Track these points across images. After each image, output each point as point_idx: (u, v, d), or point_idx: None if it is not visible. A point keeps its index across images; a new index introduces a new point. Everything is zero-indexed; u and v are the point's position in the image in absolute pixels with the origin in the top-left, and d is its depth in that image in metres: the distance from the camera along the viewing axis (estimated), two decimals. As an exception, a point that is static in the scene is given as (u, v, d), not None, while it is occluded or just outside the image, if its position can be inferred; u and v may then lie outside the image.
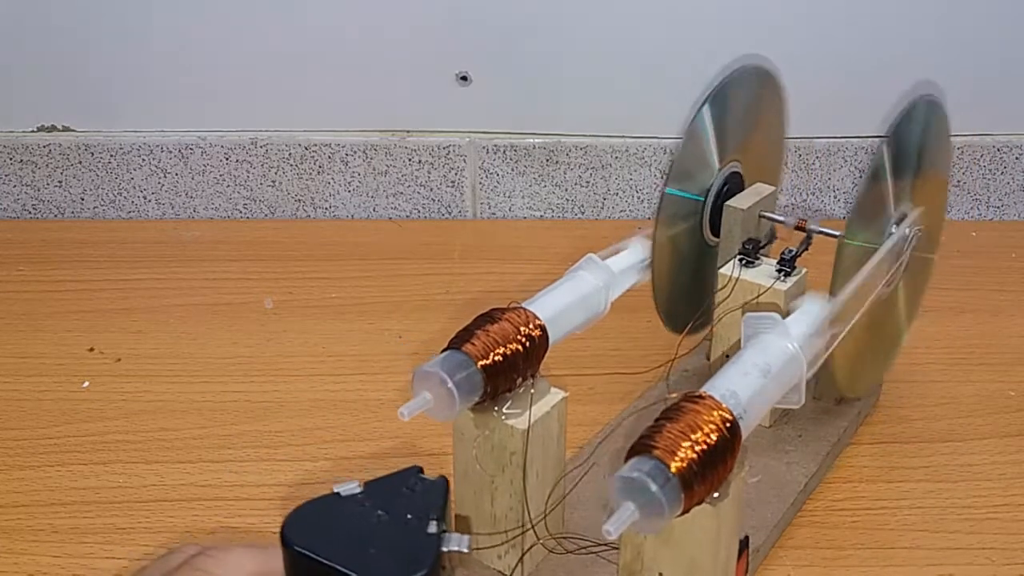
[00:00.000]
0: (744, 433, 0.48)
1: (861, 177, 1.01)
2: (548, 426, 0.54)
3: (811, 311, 0.57)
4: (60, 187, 1.01)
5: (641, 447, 0.45)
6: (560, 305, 0.57)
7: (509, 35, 0.96)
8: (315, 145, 1.00)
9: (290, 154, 1.00)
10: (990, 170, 1.01)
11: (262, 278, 0.91)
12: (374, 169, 1.01)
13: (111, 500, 0.65)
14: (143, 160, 1.00)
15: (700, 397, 0.48)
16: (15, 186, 1.01)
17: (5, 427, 0.71)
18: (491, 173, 1.01)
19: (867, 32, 0.96)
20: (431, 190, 1.02)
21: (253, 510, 0.64)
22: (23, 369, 0.78)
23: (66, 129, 1.00)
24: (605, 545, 0.55)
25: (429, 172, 1.01)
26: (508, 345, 0.52)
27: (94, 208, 1.02)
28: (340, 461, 0.68)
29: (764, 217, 0.70)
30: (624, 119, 1.00)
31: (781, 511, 0.62)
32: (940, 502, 0.65)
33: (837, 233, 0.65)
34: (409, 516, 0.46)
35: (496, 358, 0.52)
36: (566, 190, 1.02)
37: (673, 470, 0.44)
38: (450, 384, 0.50)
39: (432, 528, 0.45)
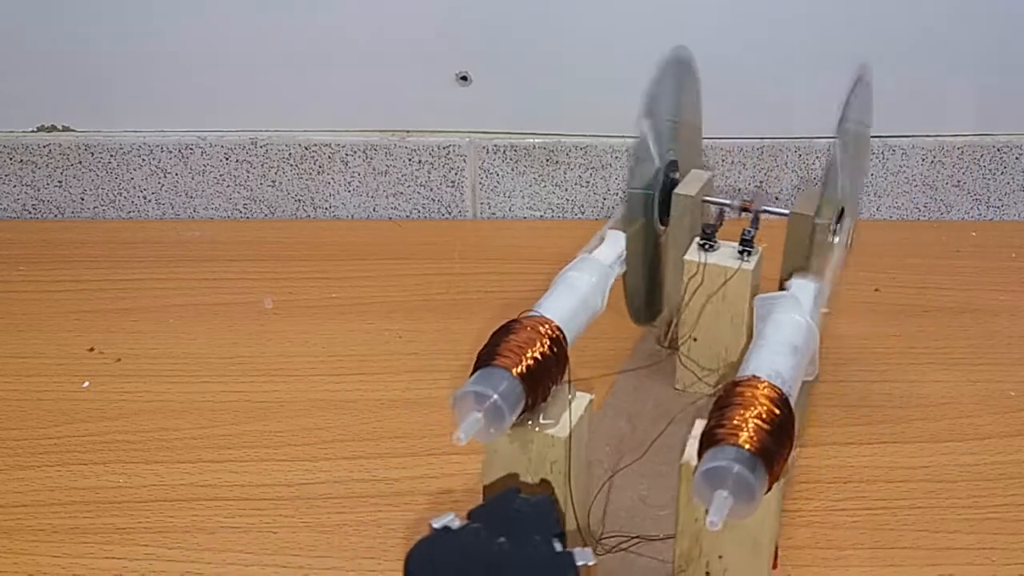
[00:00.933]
0: None
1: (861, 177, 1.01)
2: (580, 431, 0.54)
3: (806, 287, 0.59)
4: (60, 187, 1.01)
5: (715, 436, 0.46)
6: (568, 307, 0.58)
7: (509, 35, 0.96)
8: (315, 145, 1.00)
9: (290, 154, 1.00)
10: (990, 170, 1.01)
11: (262, 278, 0.91)
12: (374, 169, 1.01)
13: (111, 500, 0.65)
14: (143, 160, 1.00)
15: (753, 381, 0.49)
16: (15, 186, 1.01)
17: (5, 427, 0.71)
18: (491, 173, 1.01)
19: (867, 32, 0.96)
20: (431, 190, 1.02)
21: (253, 510, 0.64)
22: (23, 369, 0.78)
23: (66, 129, 1.00)
24: (645, 539, 0.56)
25: (429, 172, 1.01)
26: (538, 353, 0.52)
27: (94, 208, 1.02)
28: (340, 461, 0.68)
29: (708, 202, 0.71)
30: (624, 119, 0.99)
31: None
32: (940, 502, 0.65)
33: (785, 211, 0.68)
34: (534, 538, 0.46)
35: (530, 367, 0.51)
36: (566, 190, 1.02)
37: (754, 451, 0.46)
38: (498, 400, 0.49)
39: (558, 547, 0.45)
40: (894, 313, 0.86)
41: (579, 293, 0.59)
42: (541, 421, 0.52)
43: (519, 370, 0.51)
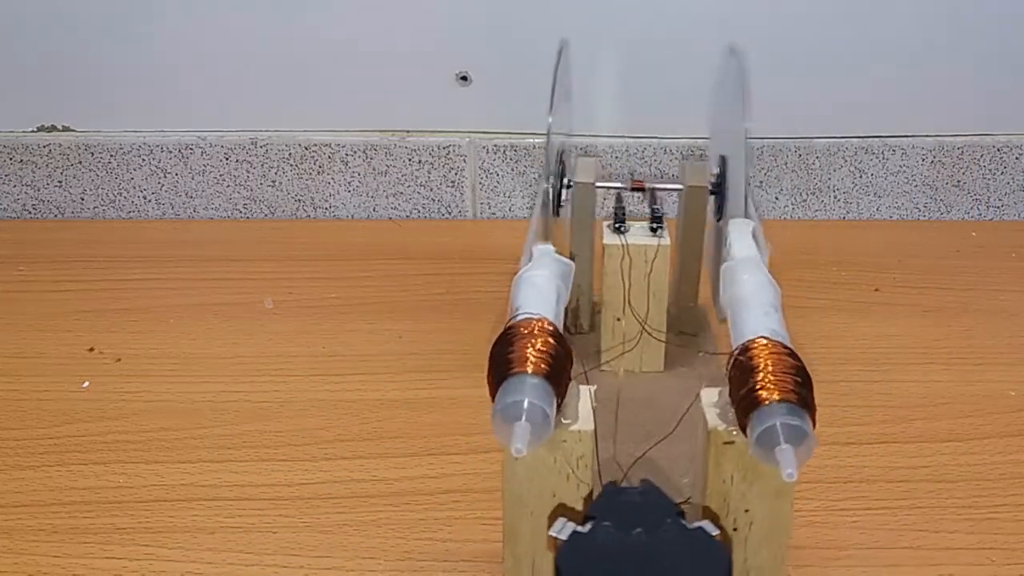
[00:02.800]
0: None
1: (860, 177, 1.02)
2: (595, 423, 0.54)
3: (746, 244, 0.61)
4: (60, 187, 1.01)
5: (754, 399, 0.48)
6: (550, 303, 0.57)
7: (509, 35, 0.96)
8: (315, 145, 1.00)
9: (290, 154, 1.00)
10: (990, 170, 1.01)
11: (262, 278, 0.91)
12: (374, 169, 1.01)
13: (111, 500, 0.65)
14: (143, 160, 1.00)
15: (765, 342, 0.51)
16: (15, 186, 1.01)
17: (5, 427, 0.71)
18: (491, 173, 1.01)
19: (867, 32, 0.96)
20: (431, 190, 1.02)
21: (253, 510, 0.64)
22: (23, 369, 0.78)
23: (66, 129, 1.00)
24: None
25: (429, 172, 1.01)
26: (551, 352, 0.51)
27: (94, 208, 1.02)
28: (340, 461, 0.68)
29: (602, 187, 0.72)
30: (625, 119, 1.00)
31: None
32: (940, 502, 0.65)
33: (678, 186, 0.73)
34: (664, 521, 0.46)
35: (551, 367, 0.51)
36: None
37: (798, 403, 0.48)
38: (541, 405, 0.48)
39: (689, 525, 0.47)
40: (894, 313, 0.86)
41: (552, 287, 0.59)
42: (563, 420, 0.52)
43: (543, 372, 0.50)
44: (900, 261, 0.95)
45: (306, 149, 1.00)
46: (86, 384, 0.76)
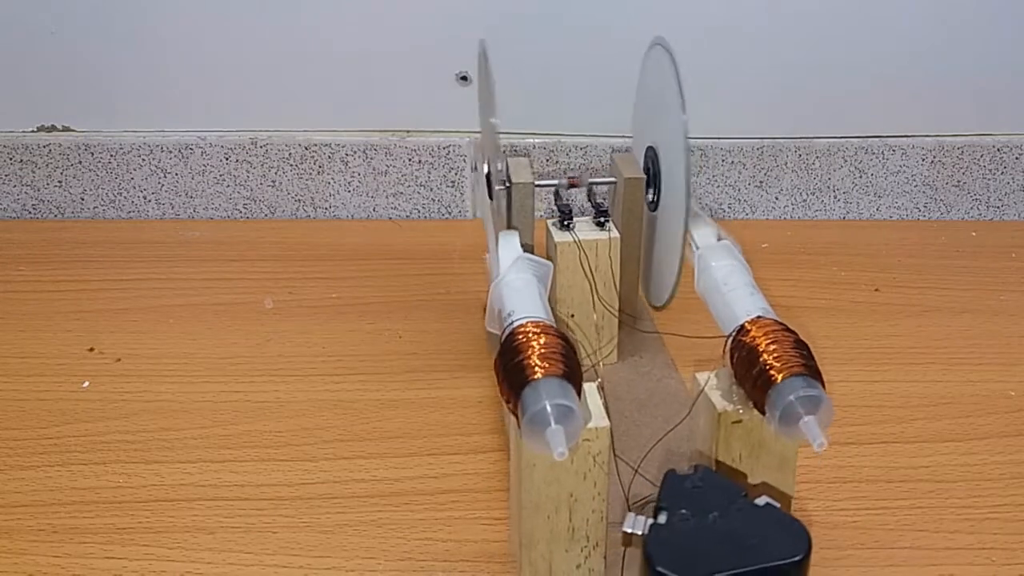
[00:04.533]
0: None
1: (860, 177, 1.02)
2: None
3: (709, 233, 0.63)
4: (60, 187, 1.01)
5: (768, 378, 0.50)
6: (541, 305, 0.58)
7: (509, 35, 0.96)
8: (315, 145, 1.00)
9: (290, 154, 1.00)
10: (990, 170, 1.01)
11: (262, 278, 0.91)
12: (374, 169, 1.01)
13: (111, 500, 0.65)
14: (143, 160, 1.00)
15: (761, 322, 0.53)
16: (15, 186, 1.01)
17: (5, 427, 0.71)
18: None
19: (867, 32, 0.96)
20: (431, 190, 1.02)
21: (253, 510, 0.64)
22: (23, 369, 0.78)
23: (66, 129, 1.00)
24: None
25: (429, 172, 1.01)
26: (562, 352, 0.52)
27: (94, 208, 1.02)
28: (340, 461, 0.68)
29: (540, 185, 0.73)
30: (624, 119, 0.99)
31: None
32: (940, 502, 0.65)
33: (612, 180, 0.74)
34: (737, 501, 0.48)
35: (567, 367, 0.51)
36: (566, 190, 1.02)
37: (809, 373, 0.51)
38: (571, 405, 0.48)
39: (759, 502, 0.48)
40: (894, 313, 0.86)
41: (535, 289, 0.59)
42: None
43: (561, 372, 0.50)
44: (900, 261, 0.95)
45: (306, 149, 1.00)
46: (86, 384, 0.76)
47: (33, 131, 1.00)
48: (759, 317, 0.54)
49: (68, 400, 0.74)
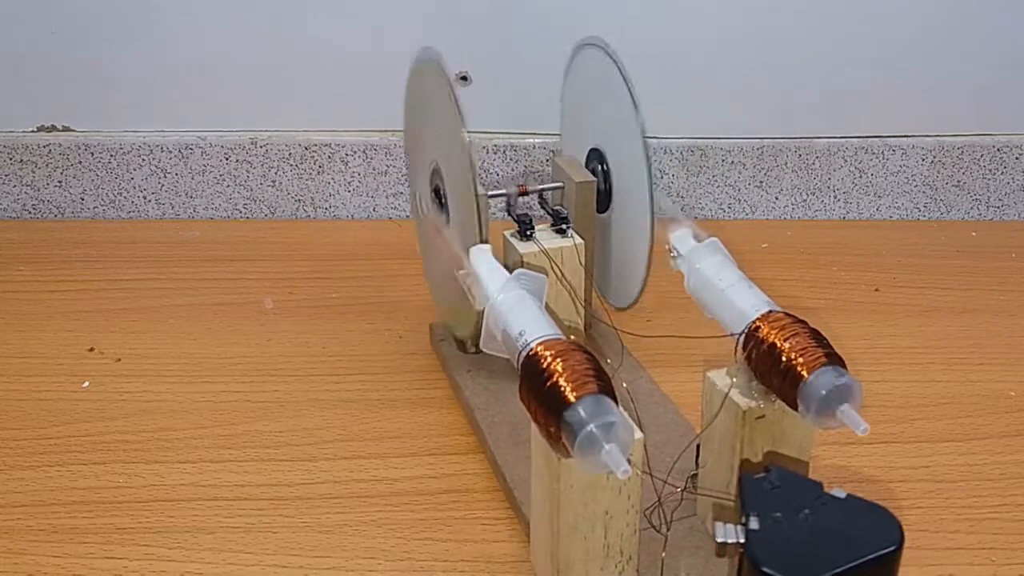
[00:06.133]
0: None
1: (860, 177, 1.02)
2: None
3: (686, 234, 0.63)
4: (60, 187, 1.01)
5: (796, 375, 0.50)
6: (548, 321, 0.55)
7: (509, 35, 0.96)
8: (315, 145, 1.00)
9: (290, 154, 1.00)
10: (990, 170, 1.01)
11: (262, 278, 0.91)
12: (374, 169, 1.01)
13: (111, 500, 0.65)
14: (143, 160, 1.00)
15: (771, 316, 0.54)
16: (15, 186, 1.01)
17: (5, 427, 0.71)
18: (491, 173, 1.01)
19: (867, 32, 0.96)
20: (431, 190, 1.02)
21: (253, 510, 0.64)
22: (23, 369, 0.78)
23: (66, 129, 1.00)
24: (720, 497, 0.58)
25: (429, 172, 1.01)
26: (592, 367, 0.50)
27: (94, 208, 1.02)
28: (340, 461, 0.68)
29: (493, 195, 0.71)
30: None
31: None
32: (940, 502, 0.65)
33: (559, 184, 0.73)
34: (822, 496, 0.49)
35: (601, 382, 0.49)
36: (566, 190, 1.02)
37: (832, 362, 0.51)
38: (618, 420, 0.47)
39: (838, 494, 0.49)
40: (894, 313, 0.86)
41: (534, 304, 0.57)
42: None
43: (599, 388, 0.49)
44: (900, 261, 0.95)
45: (306, 149, 1.00)
46: (86, 384, 0.76)
47: (33, 131, 1.00)
48: (769, 312, 0.54)
49: (68, 400, 0.74)
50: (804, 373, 0.51)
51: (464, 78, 0.98)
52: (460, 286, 0.62)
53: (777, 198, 1.03)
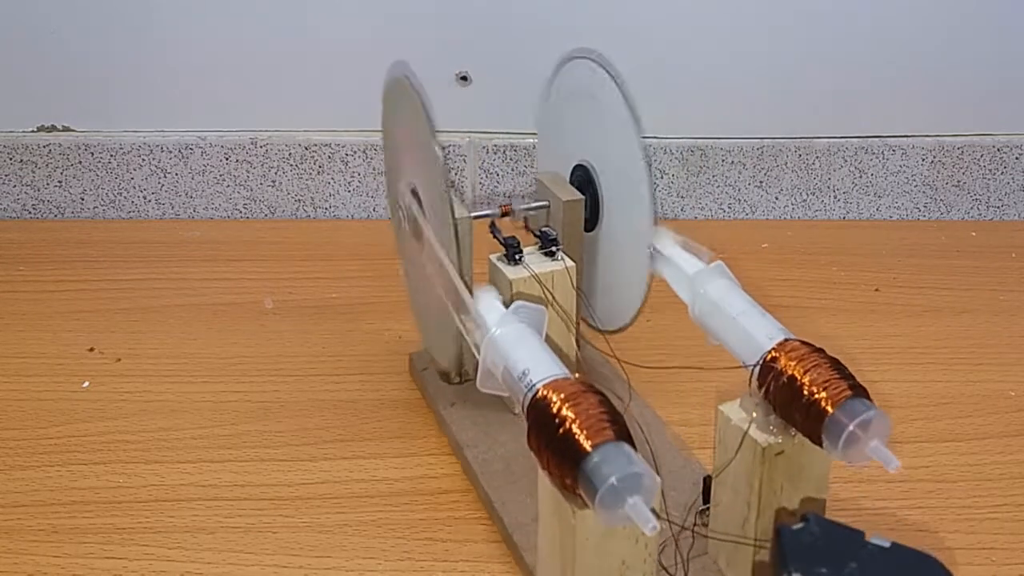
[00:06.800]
0: None
1: (860, 177, 1.02)
2: None
3: (691, 259, 0.61)
4: (60, 187, 1.01)
5: (821, 409, 0.48)
6: (553, 358, 0.52)
7: (509, 35, 0.96)
8: (315, 145, 1.00)
9: (290, 154, 1.00)
10: (990, 170, 1.01)
11: (262, 278, 0.91)
12: (374, 169, 1.01)
13: (111, 500, 0.65)
14: (143, 160, 1.00)
15: (786, 345, 0.51)
16: (15, 186, 1.01)
17: (5, 427, 0.71)
18: (491, 173, 1.01)
19: (867, 32, 0.96)
20: (431, 190, 1.02)
21: (253, 510, 0.64)
22: (23, 369, 0.78)
23: (66, 129, 1.00)
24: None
25: (429, 172, 1.01)
26: (610, 409, 0.47)
27: (94, 208, 1.02)
28: (340, 461, 0.68)
29: (478, 217, 0.68)
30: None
31: None
32: (940, 502, 0.65)
33: (544, 203, 0.69)
34: (868, 544, 0.47)
35: (619, 426, 0.47)
36: (566, 190, 1.02)
37: (857, 394, 0.49)
38: (640, 471, 0.44)
39: (883, 543, 0.47)
40: (894, 313, 0.86)
41: (537, 339, 0.54)
42: None
43: (617, 434, 0.46)
44: (900, 261, 0.95)
45: (306, 149, 1.00)
46: (86, 384, 0.76)
47: (33, 131, 1.00)
48: (785, 340, 0.52)
49: (68, 400, 0.74)
50: (829, 408, 0.48)
51: (464, 78, 0.99)
52: (446, 311, 0.59)
53: (777, 198, 1.03)
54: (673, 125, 1.00)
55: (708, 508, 0.57)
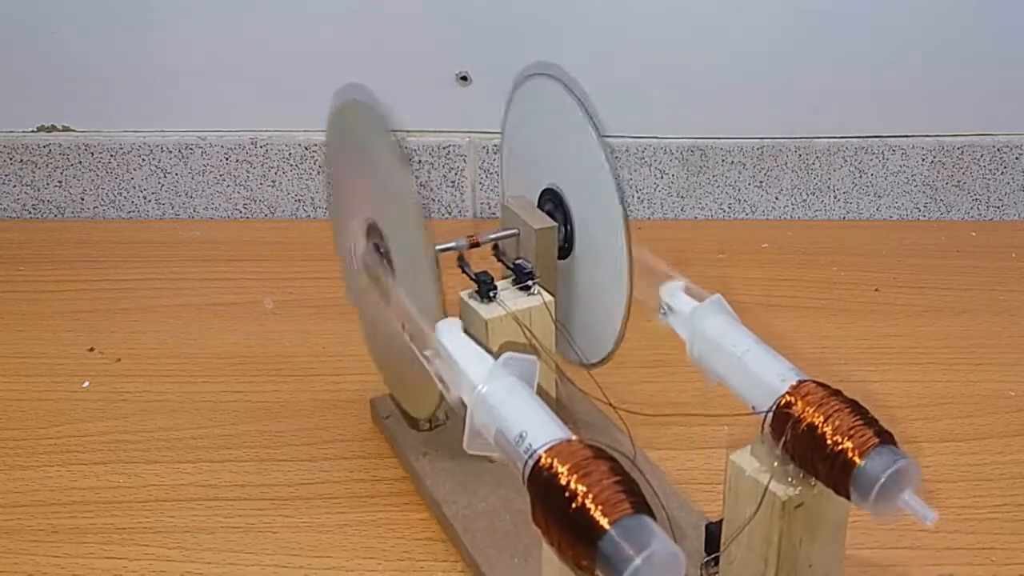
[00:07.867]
0: None
1: (860, 177, 1.02)
2: None
3: (676, 287, 0.56)
4: (60, 187, 1.01)
5: (847, 459, 0.45)
6: (553, 420, 0.47)
7: (509, 35, 0.96)
8: (315, 145, 1.00)
9: (290, 154, 1.00)
10: (990, 170, 1.01)
11: (262, 278, 0.91)
12: (374, 169, 1.01)
13: (111, 500, 0.65)
14: (143, 160, 1.00)
15: (800, 388, 0.47)
16: (15, 186, 1.01)
17: (5, 427, 0.71)
18: (491, 173, 1.01)
19: (867, 32, 0.96)
20: (431, 190, 1.02)
21: (253, 510, 0.64)
22: (23, 369, 0.78)
23: (66, 129, 1.00)
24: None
25: (429, 172, 1.01)
26: (624, 477, 0.43)
27: (94, 208, 1.02)
28: (340, 461, 0.68)
29: (443, 250, 0.62)
30: (624, 119, 1.00)
31: None
32: (940, 502, 0.65)
33: (512, 231, 0.65)
34: None
35: (635, 495, 0.42)
36: (566, 190, 1.02)
37: (884, 441, 0.45)
38: (665, 548, 0.40)
39: None
40: (894, 313, 0.86)
41: (530, 395, 0.48)
42: None
43: (635, 506, 0.41)
44: (900, 261, 0.95)
45: (306, 149, 1.00)
46: (86, 384, 0.76)
47: (33, 131, 1.00)
48: (799, 383, 0.48)
49: (68, 400, 0.74)
50: (856, 459, 0.45)
51: (464, 78, 0.99)
52: (415, 359, 0.53)
53: (777, 198, 1.03)
54: (673, 125, 1.00)
55: (714, 559, 0.54)
